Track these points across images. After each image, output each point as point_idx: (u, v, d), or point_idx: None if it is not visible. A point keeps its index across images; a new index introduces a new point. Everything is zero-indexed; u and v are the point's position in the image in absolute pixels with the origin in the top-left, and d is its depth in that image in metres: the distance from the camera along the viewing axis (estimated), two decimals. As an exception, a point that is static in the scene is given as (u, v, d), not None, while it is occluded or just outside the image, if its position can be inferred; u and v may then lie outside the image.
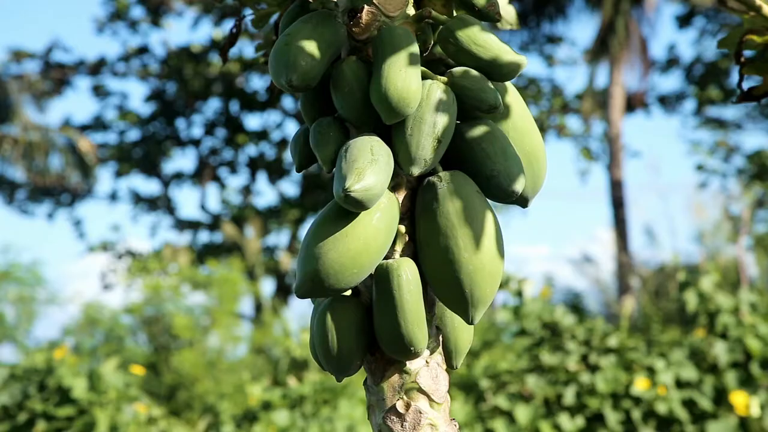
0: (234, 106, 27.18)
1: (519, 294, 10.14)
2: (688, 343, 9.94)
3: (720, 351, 9.37)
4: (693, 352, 9.79)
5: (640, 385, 9.19)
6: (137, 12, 27.06)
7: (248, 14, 2.71)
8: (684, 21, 26.77)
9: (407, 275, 1.96)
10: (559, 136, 28.43)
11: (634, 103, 26.95)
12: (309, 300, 2.07)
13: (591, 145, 28.53)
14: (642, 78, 25.46)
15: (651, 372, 9.46)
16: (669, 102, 28.47)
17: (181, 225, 27.62)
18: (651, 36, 24.90)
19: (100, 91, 27.35)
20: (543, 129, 27.47)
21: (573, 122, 28.98)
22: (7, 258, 27.63)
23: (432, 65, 2.13)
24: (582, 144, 28.52)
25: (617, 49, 23.91)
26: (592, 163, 28.36)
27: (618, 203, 24.49)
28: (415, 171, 1.95)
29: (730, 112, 28.11)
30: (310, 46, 1.96)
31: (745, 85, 2.41)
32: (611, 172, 24.87)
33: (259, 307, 24.88)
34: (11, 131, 26.30)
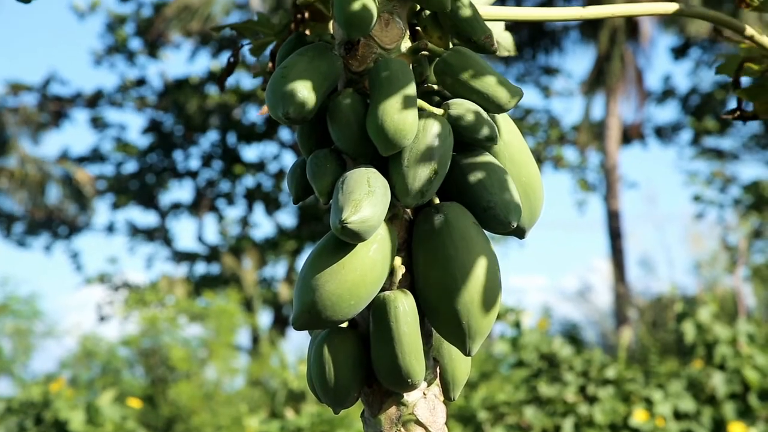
0: (231, 138, 27.23)
1: (517, 325, 10.13)
2: (686, 375, 9.93)
3: (718, 382, 9.35)
4: (691, 383, 9.77)
5: (639, 417, 9.17)
6: (135, 44, 27.09)
7: (246, 44, 2.73)
8: (679, 52, 26.86)
9: (404, 307, 1.96)
10: (556, 167, 28.47)
11: (630, 135, 27.00)
12: (306, 331, 2.06)
13: (588, 176, 28.57)
14: (638, 109, 25.53)
15: (649, 403, 9.44)
16: (665, 133, 28.53)
17: (178, 256, 27.59)
18: (647, 67, 25.00)
19: (98, 123, 27.40)
20: (540, 160, 27.52)
21: (570, 153, 29.03)
22: (4, 291, 27.57)
23: (428, 97, 2.14)
24: (579, 175, 28.56)
25: (613, 80, 23.98)
26: (589, 194, 28.40)
27: (615, 234, 24.50)
28: (412, 202, 1.95)
29: (727, 142, 28.18)
30: (307, 79, 1.96)
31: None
32: (608, 203, 24.89)
33: (256, 338, 24.83)
34: (8, 164, 26.31)
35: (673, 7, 2.39)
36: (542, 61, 26.61)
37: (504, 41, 2.73)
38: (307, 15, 2.52)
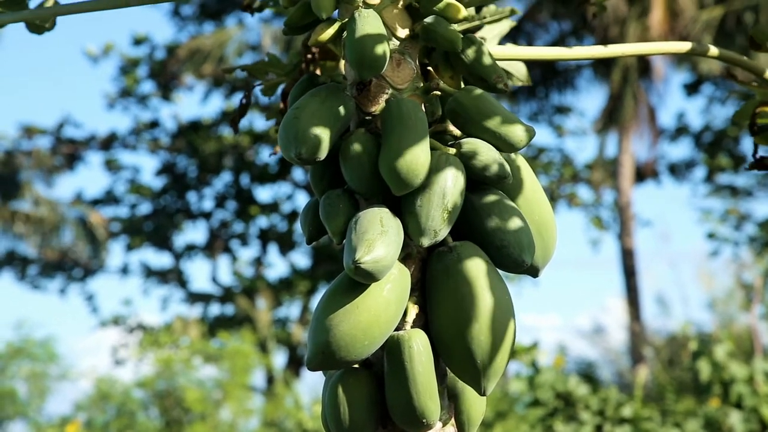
0: (244, 179, 27.28)
1: (532, 364, 10.09)
2: (703, 413, 9.86)
3: (735, 421, 9.29)
4: (708, 422, 9.71)
5: (656, 456, 9.10)
6: (148, 87, 27.21)
7: (258, 85, 2.74)
8: (692, 89, 26.87)
9: (418, 346, 1.95)
10: (570, 205, 28.43)
11: (644, 172, 26.97)
12: (321, 372, 2.06)
13: (602, 215, 28.51)
14: (651, 147, 25.51)
15: (666, 442, 9.38)
16: (679, 170, 28.49)
17: (193, 298, 27.58)
18: (659, 105, 24.98)
19: (111, 166, 27.49)
20: (553, 199, 27.48)
21: (583, 192, 29.00)
22: (20, 334, 27.59)
23: (440, 136, 2.14)
24: (593, 213, 28.51)
25: (626, 118, 23.98)
26: (603, 232, 28.33)
27: (629, 272, 24.42)
28: (425, 242, 1.95)
29: (741, 179, 28.10)
30: (319, 120, 1.97)
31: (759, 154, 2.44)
32: (622, 241, 24.83)
33: (270, 379, 24.76)
34: (22, 206, 26.38)
35: (685, 46, 2.40)
36: (555, 100, 26.63)
37: (518, 72, 2.74)
38: (317, 54, 2.53)
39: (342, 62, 2.51)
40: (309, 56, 2.54)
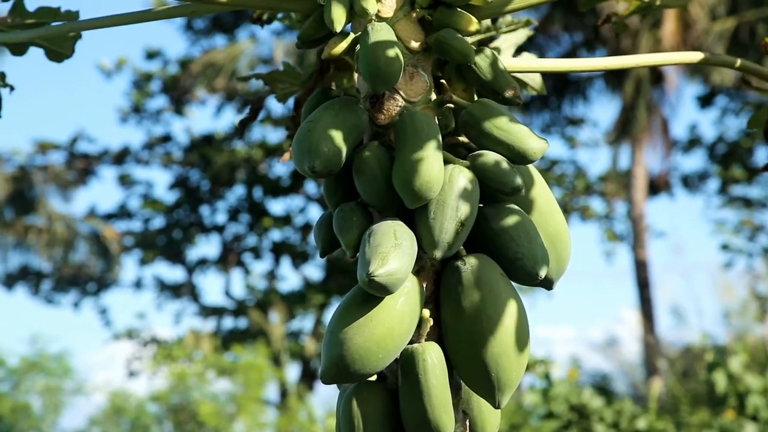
0: (257, 192, 27.30)
1: (546, 376, 10.07)
2: (718, 425, 9.83)
3: (751, 432, 9.25)
4: (723, 433, 9.67)
5: (671, 468, 9.08)
6: (161, 101, 27.26)
7: (271, 93, 2.75)
8: (705, 101, 26.81)
9: (433, 359, 1.95)
10: (583, 218, 28.38)
11: (657, 185, 26.92)
12: (335, 385, 2.06)
13: (615, 227, 28.46)
14: (664, 158, 25.47)
15: (681, 454, 9.35)
16: (692, 182, 28.42)
17: (206, 311, 27.58)
18: (672, 116, 24.96)
19: (125, 180, 27.55)
20: (566, 211, 27.44)
21: (597, 204, 28.94)
22: (34, 348, 27.63)
23: (454, 149, 2.14)
24: (606, 225, 28.45)
25: (638, 130, 23.95)
26: (617, 244, 28.27)
27: (643, 284, 24.36)
28: (439, 255, 1.95)
29: (755, 191, 28.02)
30: (332, 133, 1.97)
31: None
32: (636, 253, 24.77)
33: (284, 392, 24.75)
34: (36, 221, 26.45)
35: (698, 56, 2.39)
36: (567, 112, 26.60)
37: (532, 81, 2.74)
38: (331, 67, 2.54)
39: (355, 75, 2.51)
40: (323, 69, 2.54)
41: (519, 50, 2.74)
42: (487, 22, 2.58)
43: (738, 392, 9.53)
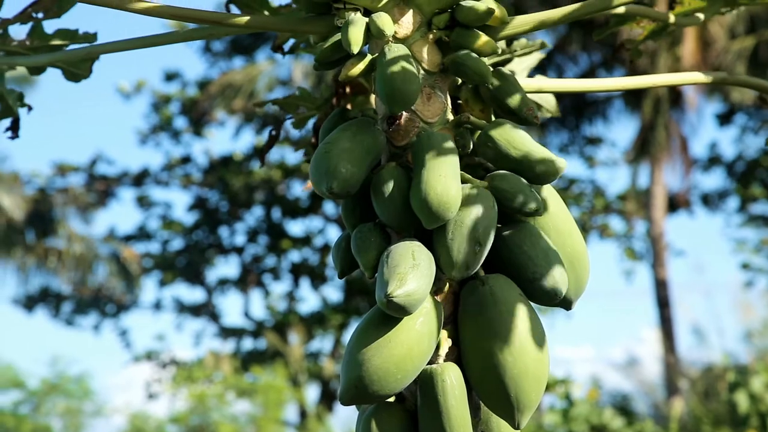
0: (276, 213, 27.34)
1: (566, 397, 10.04)
2: (740, 445, 9.77)
3: (773, 452, 9.20)
4: (745, 453, 9.61)
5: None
6: (180, 123, 27.37)
7: (288, 118, 2.76)
8: (724, 119, 26.76)
9: (451, 380, 1.95)
10: (602, 236, 28.32)
11: (676, 203, 26.86)
12: (354, 406, 2.06)
13: (634, 245, 28.39)
14: (684, 177, 25.41)
15: (703, 475, 9.30)
16: (712, 200, 28.34)
17: (225, 332, 27.61)
18: (691, 135, 24.90)
19: (144, 202, 27.63)
20: (585, 230, 27.39)
21: (616, 223, 28.88)
22: (55, 370, 27.72)
23: (471, 169, 2.14)
24: (625, 244, 28.38)
25: (658, 149, 23.90)
26: (637, 263, 28.19)
27: (663, 303, 24.27)
28: (457, 275, 1.95)
29: (775, 209, 27.92)
30: (350, 154, 1.97)
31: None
32: (655, 272, 24.69)
33: (303, 414, 24.73)
34: (56, 243, 26.54)
35: (717, 76, 2.39)
36: (586, 131, 26.57)
37: (547, 103, 2.74)
38: (348, 89, 2.54)
39: (372, 96, 2.52)
40: (340, 90, 2.55)
41: (537, 70, 2.74)
42: (502, 44, 2.59)
43: (760, 412, 9.48)
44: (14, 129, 2.68)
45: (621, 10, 2.50)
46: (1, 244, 25.70)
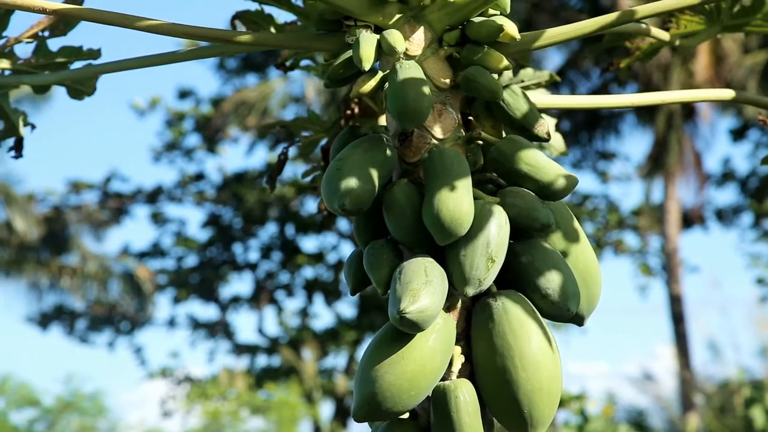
0: (289, 230, 27.35)
1: (581, 412, 10.01)
2: (756, 461, 9.73)
3: (789, 468, 9.16)
4: (761, 469, 9.57)
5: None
6: (193, 140, 27.42)
7: (297, 141, 2.76)
8: (738, 134, 26.70)
9: (465, 396, 1.95)
10: (616, 252, 28.27)
11: (691, 218, 26.79)
12: (367, 423, 2.05)
13: (649, 261, 28.33)
14: (698, 192, 25.35)
15: (719, 491, 9.26)
16: (726, 216, 28.27)
17: (239, 349, 27.61)
18: (705, 150, 24.85)
19: (158, 219, 27.67)
20: (599, 245, 27.34)
21: (630, 238, 28.82)
22: (69, 388, 27.76)
23: (483, 186, 2.15)
24: (639, 260, 28.33)
25: (671, 164, 23.87)
26: (651, 278, 28.13)
27: (678, 318, 24.20)
28: (470, 291, 1.95)
29: (789, 224, 27.83)
30: (362, 171, 1.98)
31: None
32: (670, 288, 24.63)
33: (317, 430, 24.73)
34: (70, 261, 26.60)
35: (729, 94, 2.39)
36: (599, 146, 26.53)
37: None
38: (356, 111, 2.55)
39: (382, 116, 2.53)
40: (348, 112, 2.55)
41: (550, 87, 2.74)
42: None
43: (775, 428, 9.44)
44: (18, 149, 2.68)
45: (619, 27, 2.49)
46: (15, 262, 25.78)
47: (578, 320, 2.12)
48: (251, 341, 27.84)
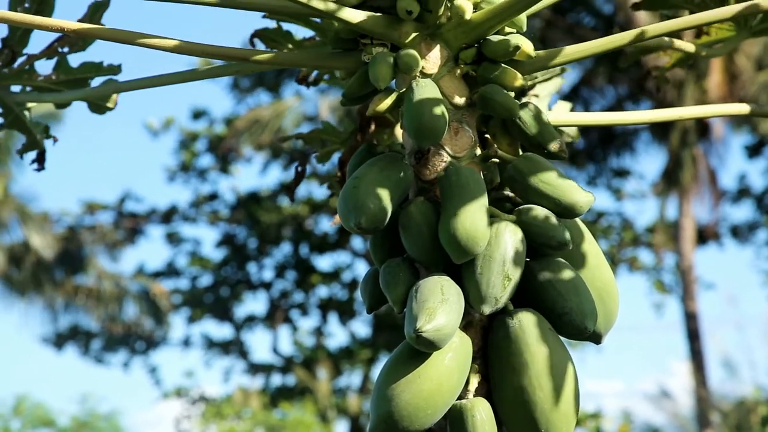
0: (304, 249, 27.34)
1: (598, 431, 9.97)
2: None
3: (807, 486, 9.10)
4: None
5: None
6: (207, 160, 27.45)
7: (313, 153, 2.77)
8: (753, 151, 26.62)
9: (481, 415, 1.94)
10: (631, 269, 28.18)
11: (706, 235, 26.70)
12: (383, 442, 2.04)
13: (664, 278, 28.23)
14: (713, 209, 25.26)
15: None
16: (741, 232, 28.17)
17: (254, 369, 27.58)
18: (720, 166, 24.76)
19: (172, 238, 27.69)
20: (614, 263, 27.27)
21: (645, 255, 28.73)
22: (85, 408, 27.74)
23: (499, 203, 2.14)
24: (655, 277, 28.23)
25: (686, 181, 23.80)
26: (666, 296, 28.04)
27: (694, 336, 24.10)
28: (486, 309, 1.94)
29: (805, 241, 27.73)
30: (378, 189, 1.97)
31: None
32: (685, 305, 24.52)
33: (333, 450, 24.64)
34: (86, 281, 26.63)
35: (744, 108, 2.39)
36: (613, 163, 26.47)
37: (568, 129, 2.74)
38: (372, 123, 2.55)
39: (399, 130, 2.52)
40: (364, 125, 2.56)
41: (564, 99, 2.74)
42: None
43: (793, 445, 9.39)
44: (40, 161, 2.71)
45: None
46: (30, 282, 25.83)
47: (596, 338, 2.11)
48: (266, 360, 27.82)
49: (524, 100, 2.24)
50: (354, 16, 2.09)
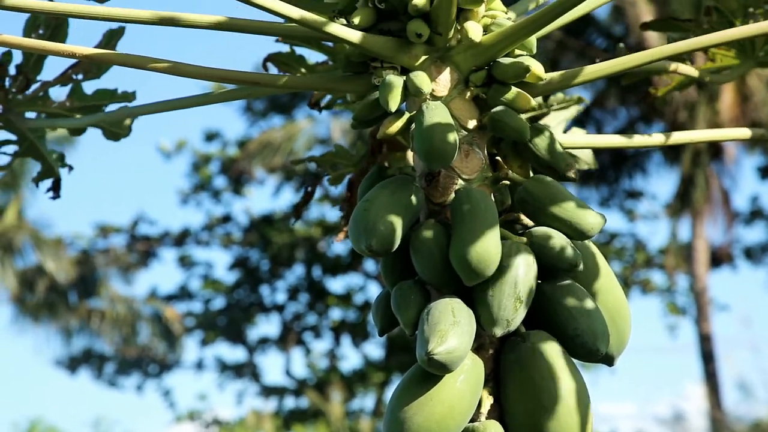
0: (316, 271, 27.34)
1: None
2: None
3: None
4: None
5: None
6: (220, 182, 27.51)
7: (325, 176, 2.78)
8: (766, 172, 26.60)
9: (493, 439, 1.94)
10: (644, 291, 28.11)
11: (719, 257, 26.63)
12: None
13: (677, 300, 28.16)
14: (726, 231, 25.20)
15: None
16: (755, 254, 28.09)
17: (267, 391, 27.56)
18: (733, 188, 24.72)
19: (185, 262, 27.73)
20: (627, 285, 27.20)
21: (658, 277, 28.67)
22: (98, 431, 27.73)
23: (511, 226, 2.14)
24: (668, 299, 28.16)
25: (698, 202, 23.76)
26: (679, 317, 27.96)
27: (708, 358, 24.02)
28: (498, 332, 1.94)
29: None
30: (389, 211, 1.97)
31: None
32: (699, 327, 24.45)
33: (346, 472, 24.58)
34: (99, 304, 26.66)
35: (758, 132, 2.39)
36: (626, 185, 26.45)
37: (584, 156, 2.74)
38: (384, 145, 2.56)
39: (409, 153, 2.53)
40: (376, 147, 2.56)
41: (575, 124, 2.75)
42: (540, 98, 2.60)
43: (808, 468, 9.34)
44: (56, 189, 2.71)
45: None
46: (44, 305, 25.88)
47: (608, 360, 2.11)
48: (279, 383, 27.80)
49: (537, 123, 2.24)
50: (364, 39, 2.10)
